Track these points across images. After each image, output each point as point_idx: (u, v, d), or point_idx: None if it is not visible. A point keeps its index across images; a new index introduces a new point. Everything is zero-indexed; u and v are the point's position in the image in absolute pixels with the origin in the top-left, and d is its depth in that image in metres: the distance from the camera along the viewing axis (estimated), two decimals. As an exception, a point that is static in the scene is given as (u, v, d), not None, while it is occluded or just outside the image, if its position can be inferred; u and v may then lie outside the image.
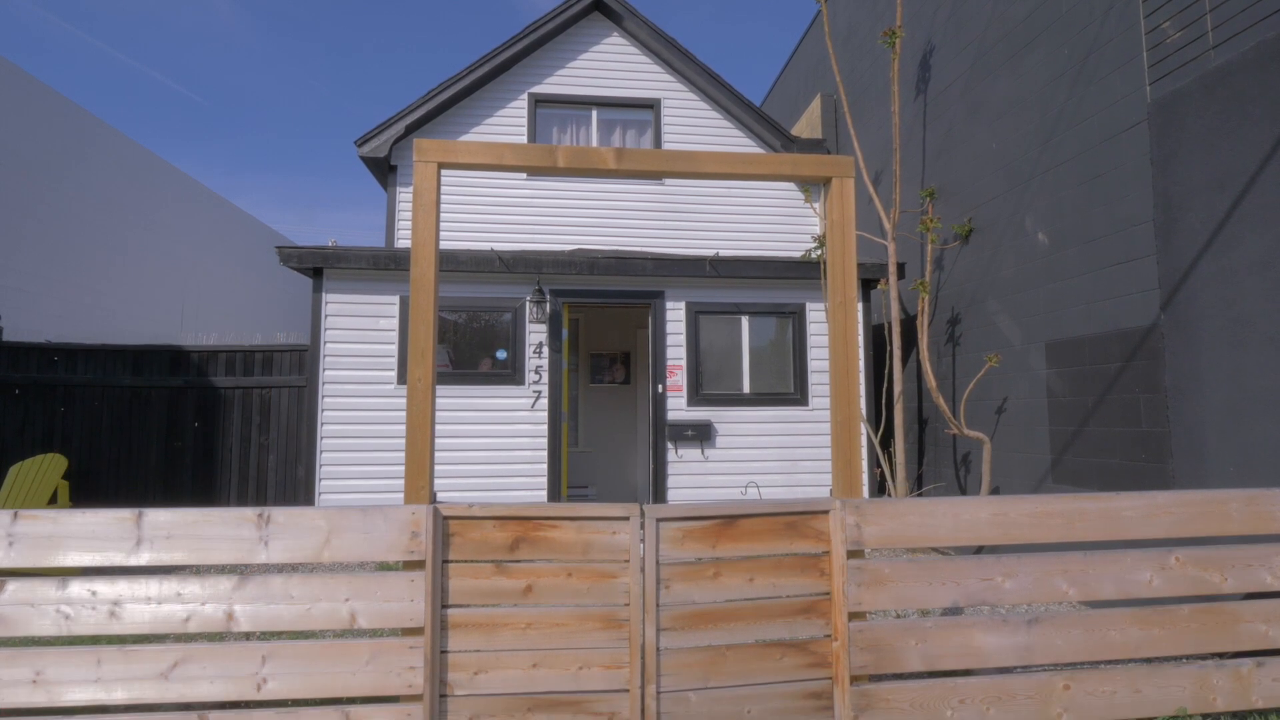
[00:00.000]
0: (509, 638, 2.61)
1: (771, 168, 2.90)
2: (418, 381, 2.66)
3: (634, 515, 2.69)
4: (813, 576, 2.75)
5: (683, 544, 2.71)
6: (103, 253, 10.39)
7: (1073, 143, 5.16)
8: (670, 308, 6.78)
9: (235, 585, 2.51)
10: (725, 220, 8.84)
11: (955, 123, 6.76)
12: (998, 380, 5.95)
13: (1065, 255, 5.21)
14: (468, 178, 8.72)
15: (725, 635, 2.68)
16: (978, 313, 6.31)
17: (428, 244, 2.71)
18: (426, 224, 2.71)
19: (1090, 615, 2.83)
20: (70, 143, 9.84)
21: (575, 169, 2.80)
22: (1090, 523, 2.86)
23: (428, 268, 2.70)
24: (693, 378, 6.70)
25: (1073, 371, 5.13)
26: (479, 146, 2.76)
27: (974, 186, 6.42)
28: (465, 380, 6.47)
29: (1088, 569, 2.83)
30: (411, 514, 2.58)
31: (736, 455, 6.63)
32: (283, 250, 6.20)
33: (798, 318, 6.86)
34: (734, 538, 2.73)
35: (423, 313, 2.68)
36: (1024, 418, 5.66)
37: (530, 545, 2.66)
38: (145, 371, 6.42)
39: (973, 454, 6.35)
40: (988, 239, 6.18)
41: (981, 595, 2.78)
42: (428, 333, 2.68)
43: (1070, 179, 5.18)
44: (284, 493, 6.48)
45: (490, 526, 2.65)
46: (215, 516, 2.53)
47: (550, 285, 6.64)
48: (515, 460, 6.42)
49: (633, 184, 8.94)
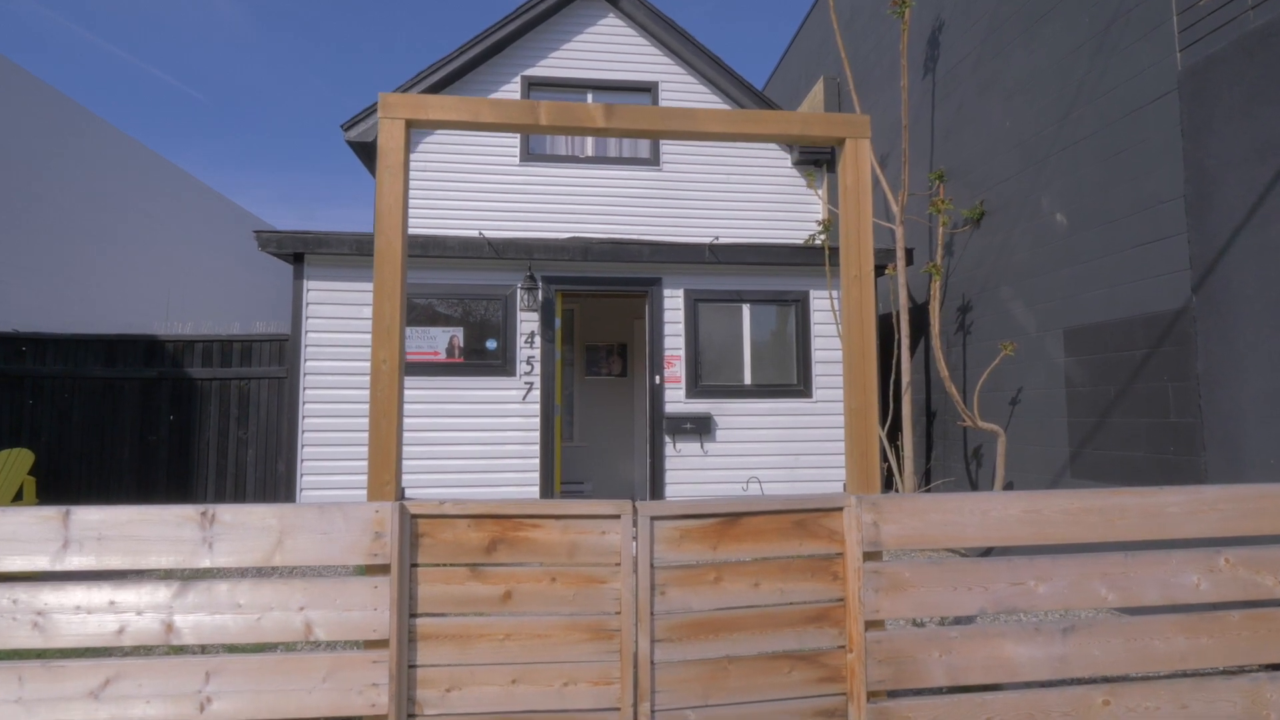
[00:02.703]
0: (485, 650, 2.33)
1: (779, 126, 2.61)
2: (382, 364, 2.38)
3: (625, 513, 2.41)
4: (825, 581, 2.47)
5: (680, 545, 2.42)
6: (86, 242, 10.08)
7: (1093, 117, 4.87)
8: (668, 295, 6.49)
9: (176, 592, 2.22)
10: (725, 207, 8.55)
11: (965, 101, 6.46)
12: (1011, 370, 5.67)
13: (1085, 237, 4.93)
14: (456, 160, 8.43)
15: (727, 646, 2.40)
16: (990, 299, 6.03)
17: (394, 210, 2.42)
18: (393, 188, 2.42)
19: (1131, 623, 2.55)
20: (51, 129, 9.52)
21: (560, 127, 2.51)
22: (1131, 520, 2.58)
23: (394, 237, 2.41)
24: (691, 368, 6.42)
25: (1093, 359, 4.85)
26: (453, 101, 2.47)
27: (986, 167, 6.12)
28: (453, 371, 6.19)
29: (1128, 571, 2.55)
30: (375, 512, 2.30)
31: (737, 449, 6.35)
32: (261, 235, 5.90)
33: (801, 306, 6.58)
34: (737, 538, 2.45)
35: (388, 288, 2.40)
36: (1040, 409, 5.38)
37: (509, 547, 2.37)
38: (118, 362, 6.12)
39: (985, 447, 6.07)
40: (1000, 222, 5.89)
41: (1012, 601, 2.50)
42: (394, 310, 2.40)
43: (1090, 156, 4.89)
44: (264, 489, 6.20)
45: (464, 526, 2.37)
46: (153, 515, 2.24)
47: (543, 272, 6.35)
48: (505, 455, 6.14)
49: (629, 170, 8.64)
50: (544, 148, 8.74)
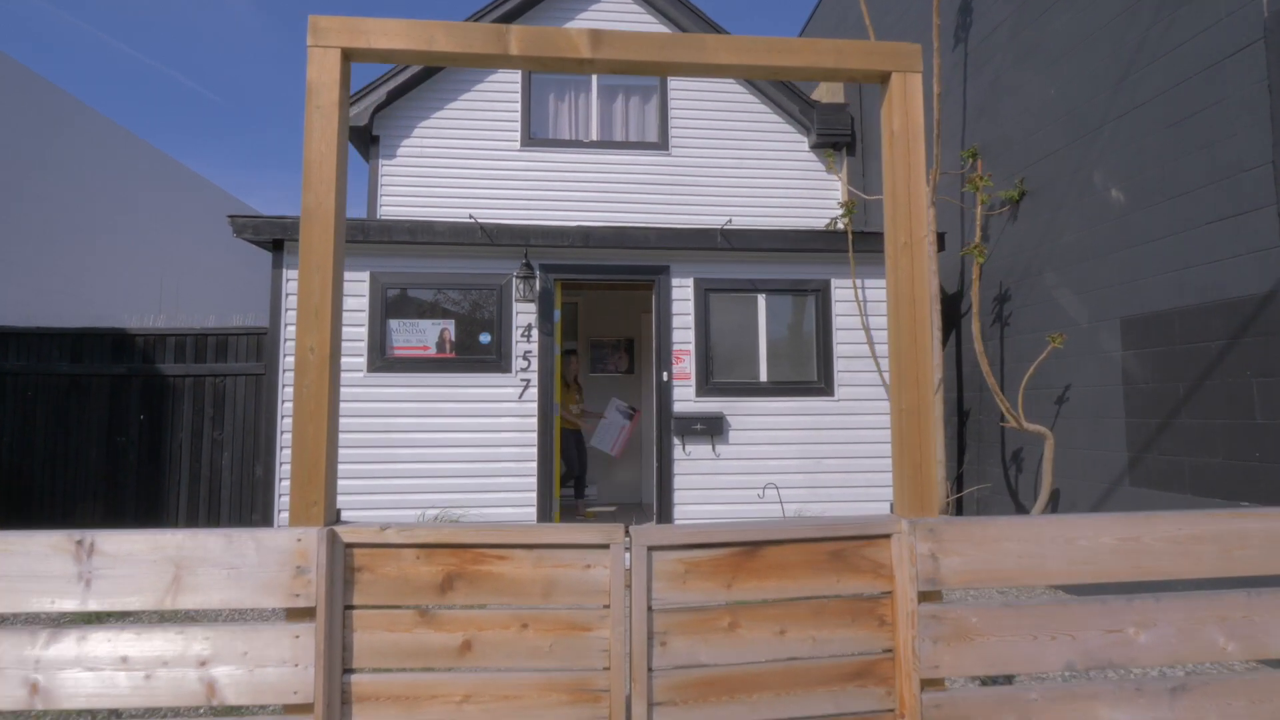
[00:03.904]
0: (438, 715, 1.84)
1: (809, 57, 2.09)
2: (309, 352, 1.89)
3: (616, 542, 1.91)
4: (869, 627, 1.96)
5: (685, 582, 1.92)
6: (76, 235, 9.72)
7: (1156, 78, 4.31)
8: (677, 285, 5.98)
9: (43, 643, 1.75)
10: (738, 193, 8.03)
11: (1002, 72, 5.90)
12: (1057, 365, 5.11)
13: (1147, 214, 4.37)
14: (452, 145, 7.96)
15: (746, 711, 1.89)
16: (1031, 288, 5.47)
17: (326, 161, 1.93)
18: (325, 133, 1.93)
19: (1257, 679, 2.02)
20: (36, 118, 9.15)
21: (535, 57, 2.01)
22: (1254, 550, 2.05)
23: (325, 194, 1.92)
24: (702, 364, 5.91)
25: (1156, 352, 4.29)
26: (399, 26, 1.98)
27: (1026, 143, 5.56)
28: (443, 367, 5.71)
29: (1251, 615, 2.02)
30: (297, 541, 1.81)
31: (752, 452, 5.83)
32: (236, 220, 5.45)
33: (822, 295, 6.04)
34: (758, 573, 1.95)
35: (317, 256, 1.91)
36: (1091, 408, 4.83)
37: (469, 584, 1.88)
38: (85, 357, 5.69)
39: (1025, 450, 5.51)
40: (1044, 202, 5.33)
41: (1106, 653, 1.97)
42: (325, 285, 1.91)
43: (1154, 122, 4.33)
44: (240, 494, 5.75)
45: (412, 557, 1.88)
46: (15, 544, 1.77)
47: (540, 260, 5.86)
48: (499, 459, 5.66)
49: (636, 154, 8.14)
50: (546, 131, 8.26)
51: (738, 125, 8.29)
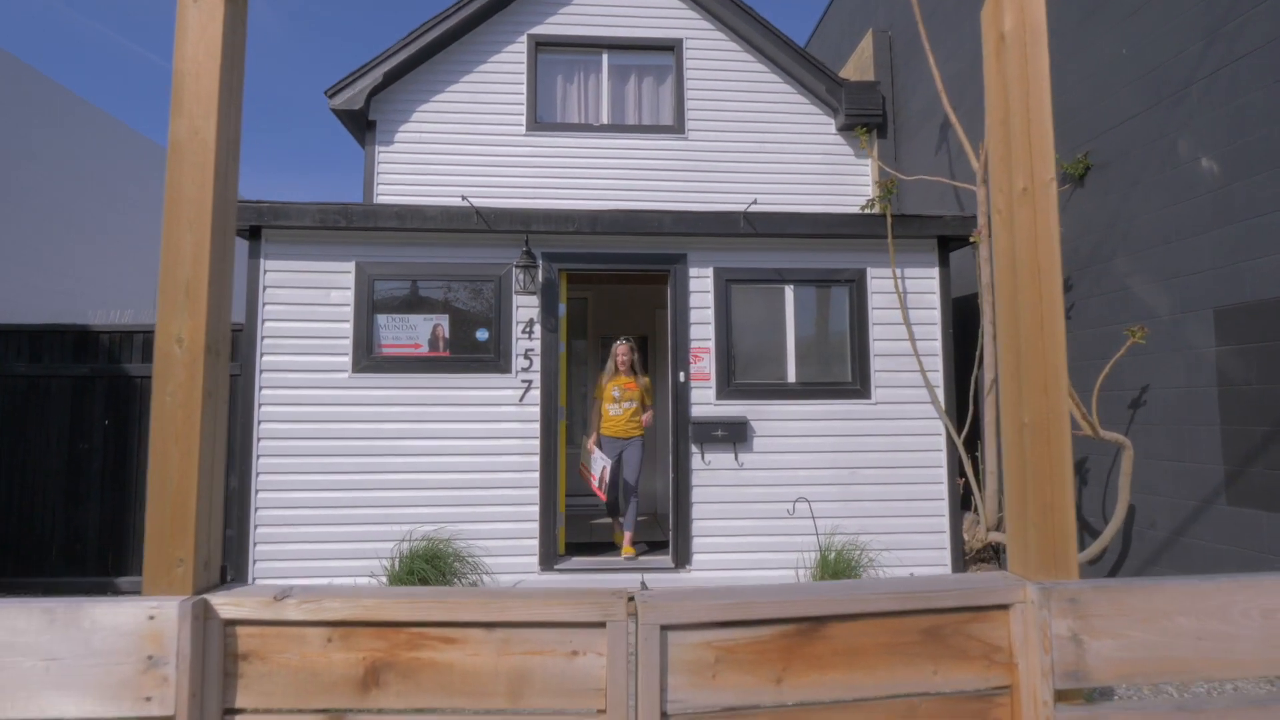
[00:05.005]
0: None
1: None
2: (175, 345, 1.33)
3: (615, 618, 1.32)
4: (983, 742, 1.36)
5: (716, 675, 1.33)
6: (66, 228, 9.31)
7: (1262, 24, 3.65)
8: (694, 275, 5.38)
9: None
10: (760, 179, 7.44)
11: (1063, 33, 5.24)
12: (1131, 364, 4.46)
13: (1248, 186, 3.71)
14: (454, 130, 7.44)
15: None
16: (1099, 276, 4.82)
17: (207, 70, 1.36)
18: (207, 29, 1.36)
19: None
20: (20, 104, 8.74)
21: None
22: None
23: (206, 119, 1.35)
24: (723, 363, 5.31)
25: (1261, 349, 3.63)
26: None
27: (1091, 111, 4.91)
28: (436, 367, 5.16)
29: None
30: (148, 617, 1.24)
31: (780, 461, 5.22)
32: (208, 205, 4.92)
33: (857, 287, 5.41)
34: (819, 660, 1.35)
35: (191, 207, 1.34)
36: (1176, 413, 4.17)
37: (403, 679, 1.30)
38: (44, 357, 5.20)
39: (1091, 461, 4.86)
40: (1116, 176, 4.68)
41: (1329, 780, 1.36)
42: (200, 248, 1.34)
43: (1258, 77, 3.67)
44: (214, 507, 5.23)
45: (322, 640, 1.30)
46: None
47: (543, 248, 5.29)
48: (499, 467, 5.09)
49: (651, 139, 7.57)
50: (553, 115, 7.70)
51: (759, 106, 7.68)
